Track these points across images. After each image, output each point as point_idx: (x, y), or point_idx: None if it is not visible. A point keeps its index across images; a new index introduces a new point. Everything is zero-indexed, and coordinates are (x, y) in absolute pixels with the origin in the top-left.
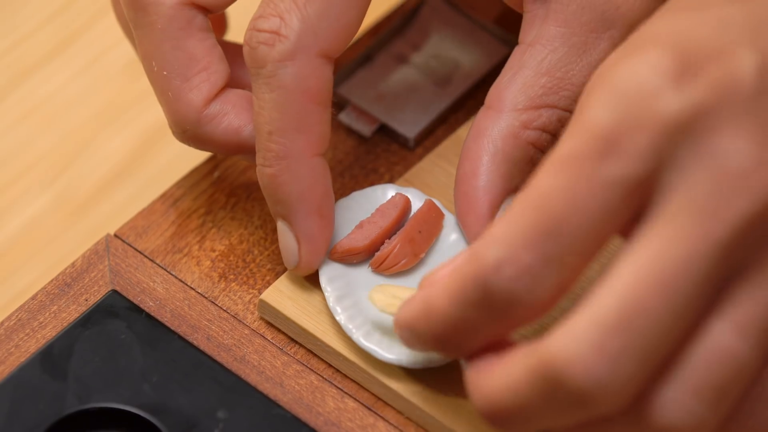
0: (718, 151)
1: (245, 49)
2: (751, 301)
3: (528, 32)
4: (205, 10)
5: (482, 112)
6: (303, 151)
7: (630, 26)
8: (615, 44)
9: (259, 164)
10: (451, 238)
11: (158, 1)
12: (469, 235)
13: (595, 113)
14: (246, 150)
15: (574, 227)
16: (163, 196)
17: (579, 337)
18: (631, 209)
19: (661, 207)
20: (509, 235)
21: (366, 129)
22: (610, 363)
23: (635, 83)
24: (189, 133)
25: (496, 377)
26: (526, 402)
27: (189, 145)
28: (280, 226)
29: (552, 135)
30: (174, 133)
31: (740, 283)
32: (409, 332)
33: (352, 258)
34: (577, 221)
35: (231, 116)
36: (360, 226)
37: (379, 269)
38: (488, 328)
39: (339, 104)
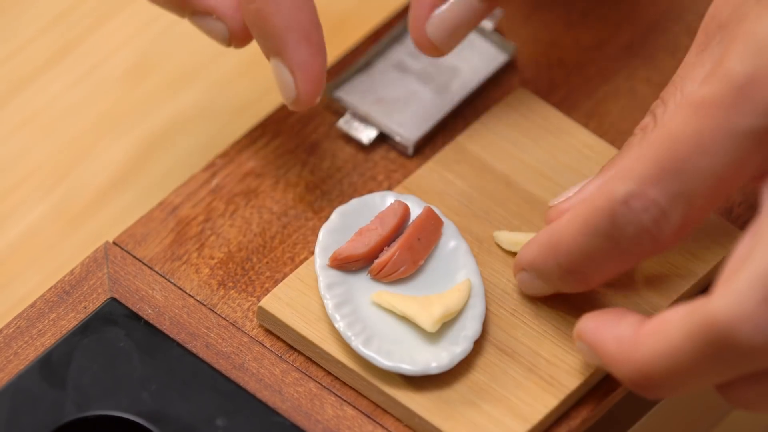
0: None
1: None
2: None
3: None
4: None
5: None
6: None
7: None
8: None
9: (242, 3)
10: (450, 244)
11: None
12: (411, 30)
13: (734, 63)
14: (186, 6)
15: (701, 169)
16: (162, 204)
17: (743, 294)
18: (761, 160)
19: None
20: (639, 171)
21: (365, 136)
22: None
23: None
24: None
25: (651, 345)
26: (688, 365)
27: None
28: (274, 63)
29: None
30: None
31: None
32: (534, 270)
33: (351, 265)
34: (704, 164)
35: None
36: (359, 233)
37: (378, 276)
38: (615, 260)
39: (338, 111)
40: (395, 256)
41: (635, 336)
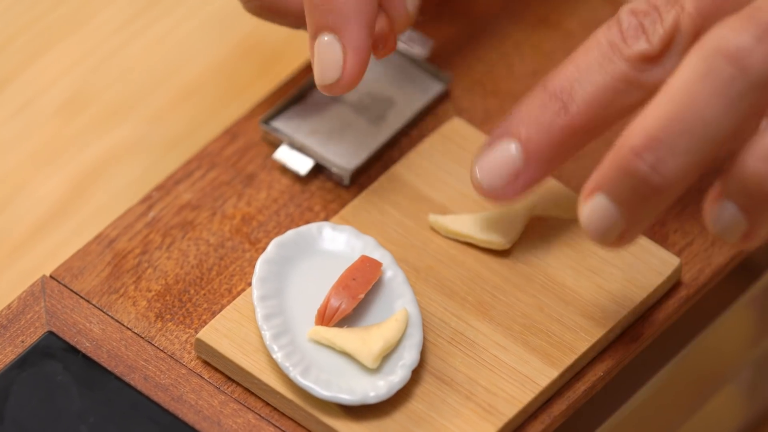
0: None
1: None
2: None
3: None
4: None
5: None
6: None
7: None
8: None
9: None
10: (387, 274)
11: None
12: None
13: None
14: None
15: None
16: (99, 237)
17: (742, 23)
18: None
19: None
20: None
21: (301, 167)
22: None
23: None
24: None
25: (660, 98)
26: (702, 100)
27: (261, 15)
28: (326, 39)
29: None
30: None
31: None
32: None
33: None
34: None
35: None
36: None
37: (324, 323)
38: (607, 77)
39: (273, 143)
40: (330, 299)
41: (634, 119)
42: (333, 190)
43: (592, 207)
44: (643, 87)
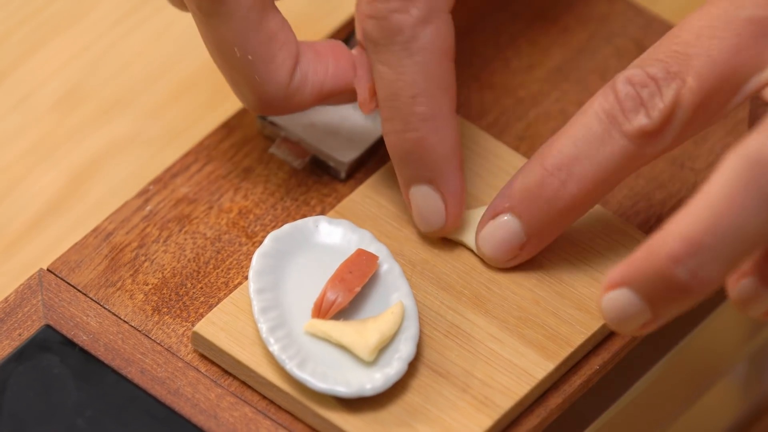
0: None
1: (369, 23)
2: None
3: None
4: None
5: None
6: (448, 110)
7: None
8: None
9: (399, 130)
10: (383, 267)
11: None
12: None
13: None
14: (327, 100)
15: (700, 52)
16: (96, 231)
17: None
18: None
19: None
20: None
21: (297, 161)
22: None
23: None
24: (276, 107)
25: (690, 210)
26: (734, 211)
27: (271, 115)
28: (422, 190)
29: None
30: (255, 110)
31: None
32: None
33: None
34: (706, 46)
35: (311, 77)
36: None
37: (321, 316)
38: (608, 151)
39: (270, 136)
40: (327, 292)
41: (668, 222)
42: (329, 184)
43: (618, 297)
44: (643, 159)
